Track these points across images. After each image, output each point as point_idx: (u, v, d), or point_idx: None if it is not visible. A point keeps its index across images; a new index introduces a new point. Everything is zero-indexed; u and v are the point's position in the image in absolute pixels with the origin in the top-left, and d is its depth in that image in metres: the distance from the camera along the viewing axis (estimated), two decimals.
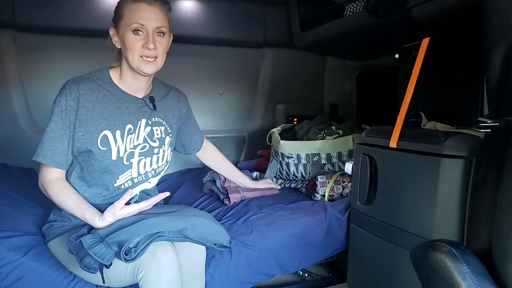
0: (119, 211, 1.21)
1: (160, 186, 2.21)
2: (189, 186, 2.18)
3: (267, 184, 1.99)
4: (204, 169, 2.21)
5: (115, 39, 1.33)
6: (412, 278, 1.11)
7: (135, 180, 1.38)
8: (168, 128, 1.47)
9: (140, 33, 1.27)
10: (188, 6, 2.46)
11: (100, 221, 1.22)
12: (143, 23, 1.26)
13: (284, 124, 2.48)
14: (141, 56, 1.28)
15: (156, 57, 1.30)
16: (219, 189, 1.94)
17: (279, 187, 2.04)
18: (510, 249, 0.88)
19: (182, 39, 2.46)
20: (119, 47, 1.33)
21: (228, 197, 1.87)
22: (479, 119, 1.07)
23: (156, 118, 1.43)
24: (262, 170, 2.35)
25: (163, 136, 1.44)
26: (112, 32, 1.34)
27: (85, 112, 1.28)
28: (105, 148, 1.30)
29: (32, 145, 2.18)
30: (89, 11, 2.19)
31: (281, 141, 2.13)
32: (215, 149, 1.85)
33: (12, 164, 2.07)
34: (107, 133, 1.30)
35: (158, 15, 1.29)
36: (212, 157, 1.84)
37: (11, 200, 1.59)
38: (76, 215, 1.27)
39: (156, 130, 1.42)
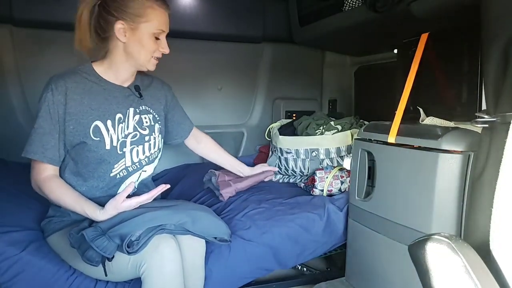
0: (121, 203, 1.22)
1: (160, 181, 2.21)
2: (189, 181, 2.18)
3: (263, 167, 1.96)
4: (204, 164, 2.21)
5: (122, 32, 1.29)
6: (410, 272, 1.12)
7: (130, 169, 1.39)
8: (157, 116, 1.49)
9: (160, 37, 1.34)
10: (186, 1, 2.45)
11: (101, 214, 1.22)
12: (165, 29, 1.34)
13: (283, 120, 2.49)
14: (153, 57, 1.35)
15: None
16: (214, 185, 1.94)
17: (276, 169, 2.01)
18: (507, 243, 0.89)
19: (181, 34, 2.45)
20: (124, 41, 1.30)
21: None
22: (477, 114, 1.07)
23: (143, 107, 1.44)
24: None
25: (152, 123, 1.45)
26: (122, 26, 1.28)
27: (74, 105, 1.28)
28: (98, 138, 1.30)
29: None
30: None
31: (280, 136, 2.13)
32: (210, 139, 1.85)
33: (10, 160, 2.07)
34: (98, 123, 1.31)
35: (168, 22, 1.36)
36: (207, 147, 1.83)
37: (9, 195, 1.58)
38: (75, 211, 1.27)
39: (145, 118, 1.43)
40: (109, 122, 1.33)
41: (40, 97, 1.29)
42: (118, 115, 1.35)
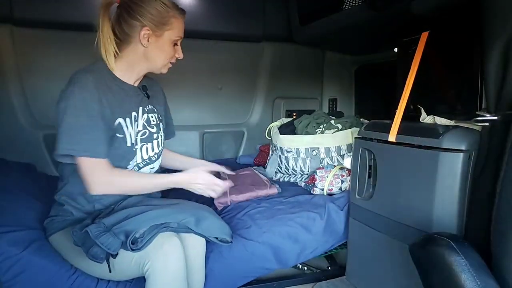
0: (203, 174, 1.35)
1: None
2: None
3: (212, 166, 1.64)
4: None
5: (148, 39, 1.31)
6: (411, 271, 1.12)
7: (140, 165, 1.40)
8: (159, 115, 1.52)
9: (178, 43, 1.40)
10: (187, 1, 2.45)
11: (182, 173, 1.36)
12: (182, 37, 1.40)
13: (283, 119, 2.49)
14: (169, 62, 1.41)
15: None
16: None
17: (227, 171, 1.67)
18: (508, 243, 0.89)
19: None
20: (146, 46, 1.32)
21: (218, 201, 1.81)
22: (477, 113, 1.07)
23: (150, 106, 1.47)
24: (262, 165, 2.35)
25: (158, 122, 1.49)
26: (149, 31, 1.31)
27: (103, 100, 1.27)
28: (122, 135, 1.32)
29: (31, 140, 2.21)
30: (87, 5, 2.18)
31: (280, 136, 2.13)
32: (165, 149, 1.70)
33: (11, 159, 2.07)
34: (121, 120, 1.32)
35: None
36: (166, 156, 1.67)
37: (10, 195, 1.58)
38: (162, 187, 1.36)
39: (151, 116, 1.46)
40: (127, 120, 1.35)
41: (67, 93, 1.22)
42: (133, 113, 1.38)
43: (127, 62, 1.36)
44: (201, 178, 1.35)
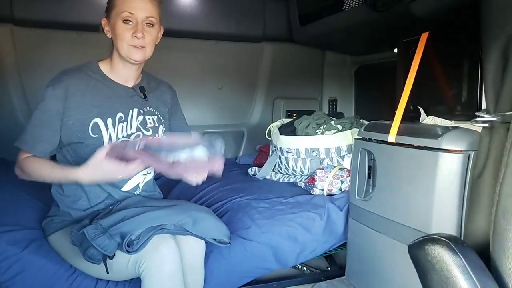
0: (103, 161, 1.15)
1: (159, 181, 2.21)
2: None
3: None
4: None
5: (106, 29, 1.35)
6: (410, 271, 1.12)
7: None
8: (161, 118, 1.48)
9: (130, 22, 1.29)
10: (187, 1, 2.45)
11: (83, 169, 1.17)
12: (133, 11, 1.28)
13: (283, 119, 2.49)
14: (130, 45, 1.30)
15: (144, 47, 1.31)
16: None
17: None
18: (507, 243, 0.89)
19: (181, 34, 2.45)
20: (110, 36, 1.35)
21: None
22: (477, 113, 1.07)
23: (148, 108, 1.44)
24: (262, 165, 2.35)
25: (156, 125, 1.45)
26: (104, 21, 1.36)
27: (74, 101, 1.28)
28: (96, 135, 1.31)
29: None
30: (87, 5, 2.18)
31: (280, 136, 2.13)
32: None
33: (11, 159, 2.07)
34: (98, 121, 1.31)
35: (148, 5, 1.31)
36: None
37: (10, 194, 1.59)
38: (56, 178, 1.26)
39: (149, 119, 1.43)
40: (109, 120, 1.33)
41: (45, 91, 1.30)
42: (119, 114, 1.35)
43: (111, 59, 1.38)
44: (106, 170, 1.17)
